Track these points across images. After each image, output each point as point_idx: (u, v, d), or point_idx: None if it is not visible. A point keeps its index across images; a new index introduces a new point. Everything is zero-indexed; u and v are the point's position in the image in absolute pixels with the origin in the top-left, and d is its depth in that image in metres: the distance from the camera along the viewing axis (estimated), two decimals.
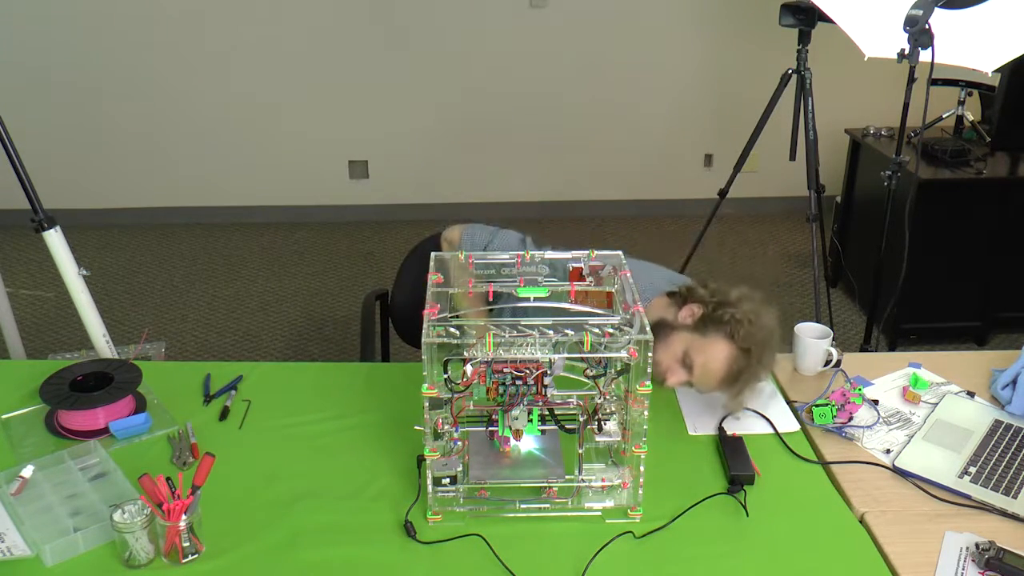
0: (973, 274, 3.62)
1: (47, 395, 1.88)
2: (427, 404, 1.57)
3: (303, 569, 1.55)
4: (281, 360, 3.56)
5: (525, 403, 1.62)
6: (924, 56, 2.45)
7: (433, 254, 1.82)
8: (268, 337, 3.75)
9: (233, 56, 4.47)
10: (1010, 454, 1.84)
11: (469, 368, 1.57)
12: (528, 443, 1.73)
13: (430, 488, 1.64)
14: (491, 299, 1.74)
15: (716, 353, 1.84)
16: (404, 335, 2.45)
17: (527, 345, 1.57)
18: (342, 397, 2.01)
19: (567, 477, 1.68)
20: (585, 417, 1.65)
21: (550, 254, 1.83)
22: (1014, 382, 2.00)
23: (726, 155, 4.35)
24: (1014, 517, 1.68)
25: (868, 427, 1.92)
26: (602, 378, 1.63)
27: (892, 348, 3.62)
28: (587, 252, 1.82)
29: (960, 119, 3.77)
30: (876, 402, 2.00)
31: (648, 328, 1.57)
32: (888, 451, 1.86)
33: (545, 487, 1.68)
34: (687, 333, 1.87)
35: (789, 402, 2.01)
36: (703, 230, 3.58)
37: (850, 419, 1.90)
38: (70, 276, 2.36)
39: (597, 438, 1.65)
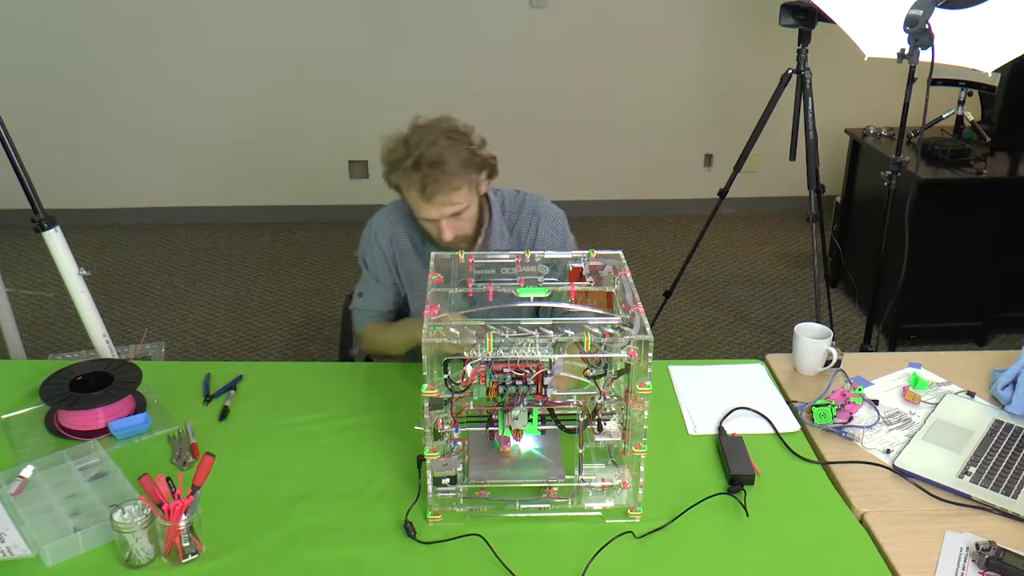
0: (973, 274, 3.62)
1: (47, 395, 1.88)
2: (427, 404, 1.57)
3: (303, 569, 1.55)
4: (281, 360, 3.55)
5: (525, 403, 1.62)
6: (924, 56, 2.45)
7: (433, 254, 1.83)
8: (268, 337, 3.75)
9: (233, 56, 4.46)
10: (1010, 454, 1.84)
11: (469, 368, 1.57)
12: (528, 443, 1.73)
13: (430, 488, 1.64)
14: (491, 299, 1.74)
15: (408, 196, 1.99)
16: None
17: (527, 345, 1.57)
18: (342, 397, 2.01)
19: (567, 477, 1.68)
20: (585, 417, 1.65)
21: (551, 254, 1.83)
22: (1014, 382, 2.00)
23: (726, 155, 4.35)
24: (1014, 517, 1.68)
25: (868, 427, 1.92)
26: (602, 378, 1.63)
27: (892, 348, 3.62)
28: (587, 252, 1.82)
29: (960, 119, 3.77)
30: (876, 402, 2.00)
31: (648, 328, 1.57)
32: (888, 451, 1.86)
33: (545, 487, 1.68)
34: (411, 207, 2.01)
35: (789, 402, 2.01)
36: (703, 230, 3.58)
37: (850, 419, 1.90)
38: (70, 276, 2.36)
39: (597, 438, 1.65)
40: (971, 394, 2.05)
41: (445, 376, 1.59)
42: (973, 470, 1.79)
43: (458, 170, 1.96)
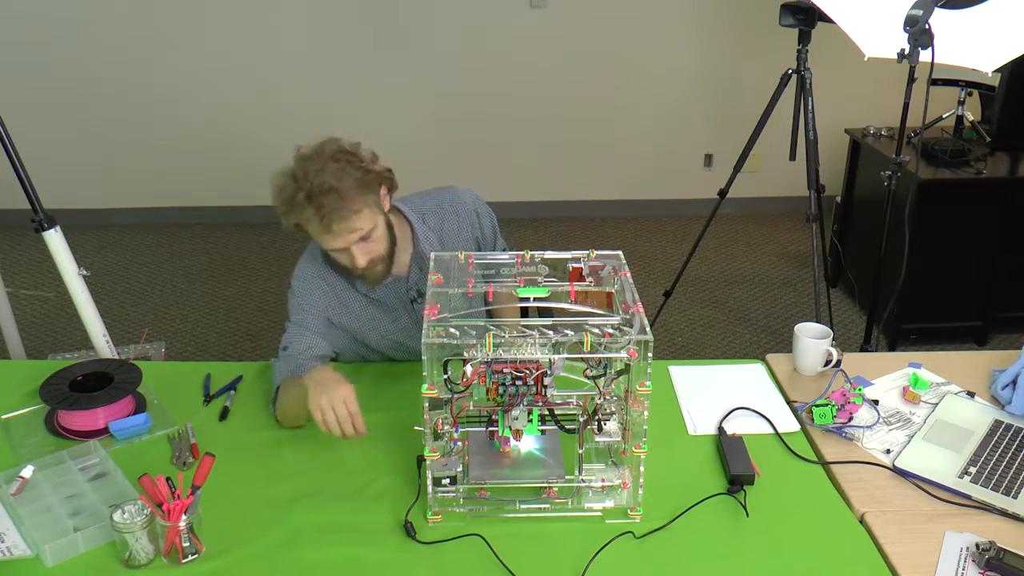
0: (973, 274, 3.62)
1: (47, 395, 1.88)
2: (427, 404, 1.57)
3: (303, 569, 1.55)
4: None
5: (525, 403, 1.62)
6: (924, 56, 2.45)
7: (433, 254, 1.82)
8: (268, 337, 3.74)
9: (233, 56, 4.46)
10: (1010, 454, 1.84)
11: (469, 368, 1.57)
12: (528, 443, 1.73)
13: (430, 488, 1.64)
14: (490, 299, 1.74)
15: (310, 231, 1.90)
16: None
17: (527, 345, 1.57)
18: None
19: (567, 477, 1.68)
20: (585, 417, 1.65)
21: (550, 254, 1.83)
22: (1014, 382, 2.00)
23: (726, 155, 4.35)
24: (1014, 517, 1.68)
25: (868, 427, 1.92)
26: (602, 378, 1.63)
27: (892, 348, 3.62)
28: (587, 252, 1.82)
29: (960, 119, 3.76)
30: (876, 402, 2.00)
31: (648, 328, 1.57)
32: (888, 451, 1.86)
33: (545, 487, 1.68)
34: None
35: (789, 402, 2.01)
36: (703, 230, 3.58)
37: (850, 419, 1.90)
38: (70, 276, 2.36)
39: (597, 438, 1.65)
40: (971, 394, 2.05)
41: (445, 376, 1.59)
42: (973, 470, 1.79)
43: (353, 193, 1.84)
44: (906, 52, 2.47)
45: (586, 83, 4.65)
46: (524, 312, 2.10)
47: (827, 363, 2.10)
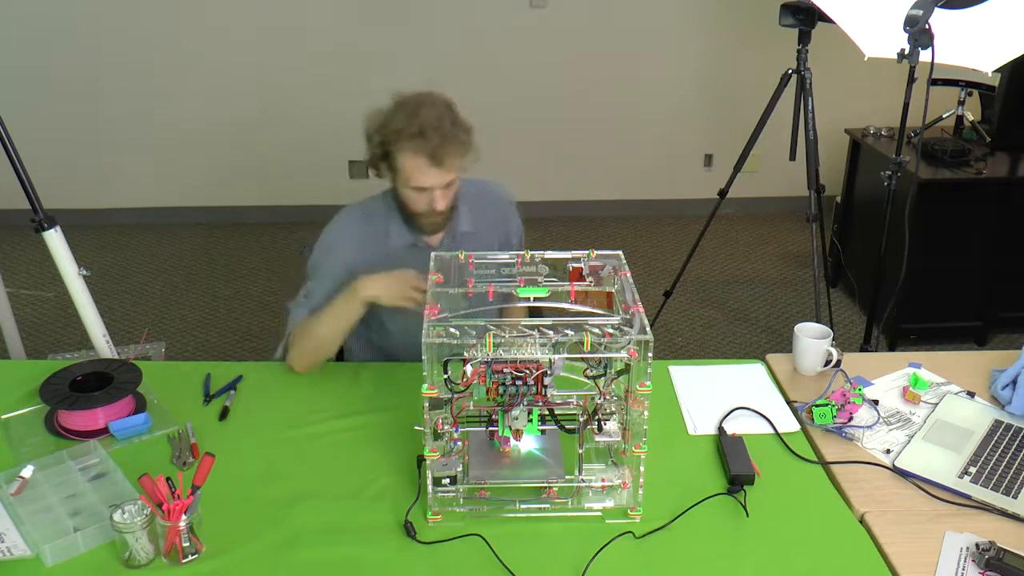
0: (973, 274, 3.62)
1: (47, 395, 1.88)
2: (427, 404, 1.57)
3: (303, 569, 1.55)
4: (281, 360, 3.54)
5: (525, 403, 1.62)
6: (924, 56, 2.45)
7: (433, 254, 1.83)
8: (268, 337, 3.74)
9: (233, 56, 4.46)
10: (1010, 454, 1.84)
11: (469, 368, 1.57)
12: (528, 443, 1.73)
13: (430, 488, 1.64)
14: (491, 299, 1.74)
15: (406, 164, 1.97)
16: None
17: (527, 345, 1.57)
18: (342, 397, 2.01)
19: (567, 477, 1.68)
20: (585, 417, 1.65)
21: (550, 254, 1.83)
22: (1014, 382, 2.00)
23: (726, 155, 4.34)
24: (1014, 517, 1.68)
25: (868, 427, 1.92)
26: (602, 378, 1.63)
27: (892, 348, 3.62)
28: (587, 252, 1.82)
29: (960, 119, 3.77)
30: (876, 402, 2.00)
31: (648, 328, 1.57)
32: (888, 451, 1.86)
33: (545, 487, 1.68)
34: (396, 179, 2.05)
35: (789, 402, 2.01)
36: (703, 230, 3.58)
37: (850, 419, 1.90)
38: (70, 276, 2.36)
39: (597, 438, 1.65)
40: (971, 394, 2.05)
41: (445, 376, 1.59)
42: (973, 470, 1.79)
43: (464, 137, 1.99)
44: (906, 52, 2.47)
45: (586, 83, 4.65)
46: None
47: (827, 363, 2.10)
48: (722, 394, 2.03)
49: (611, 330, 1.58)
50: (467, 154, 2.00)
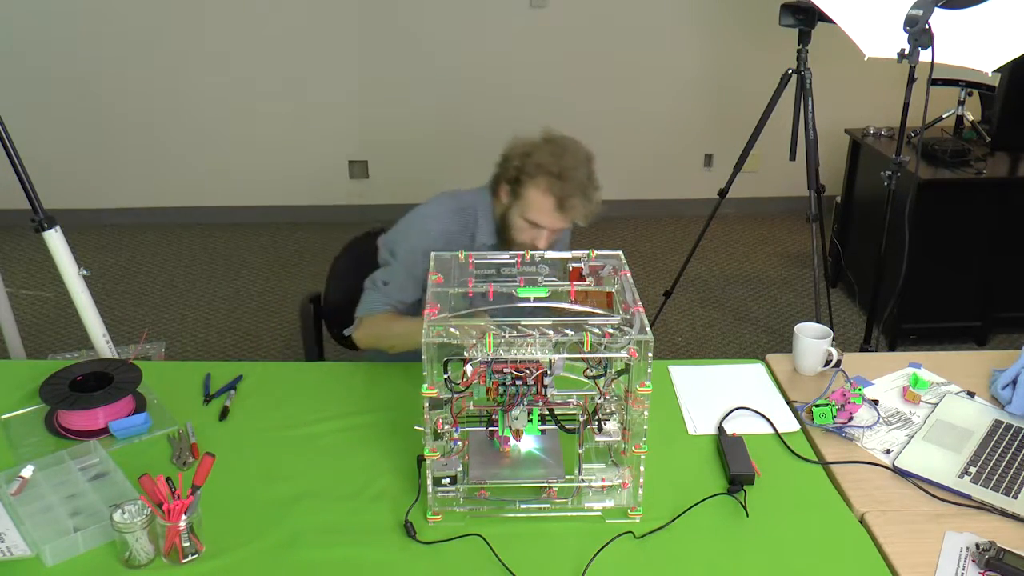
0: (973, 274, 3.62)
1: (47, 395, 1.88)
2: (427, 404, 1.57)
3: (303, 569, 1.55)
4: (281, 360, 3.55)
5: (525, 403, 1.62)
6: (924, 56, 2.45)
7: (433, 254, 1.82)
8: (268, 337, 3.74)
9: (233, 56, 4.46)
10: (1010, 454, 1.84)
11: (469, 368, 1.57)
12: (528, 443, 1.73)
13: (430, 488, 1.64)
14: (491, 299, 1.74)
15: (533, 197, 2.02)
16: (339, 336, 2.41)
17: (527, 345, 1.57)
18: (342, 397, 2.01)
19: (567, 477, 1.68)
20: (585, 417, 1.65)
21: (551, 254, 1.83)
22: (1014, 382, 2.00)
23: (726, 155, 4.34)
24: (1014, 517, 1.68)
25: (868, 427, 1.92)
26: (602, 378, 1.63)
27: (892, 348, 3.62)
28: (587, 252, 1.82)
29: (960, 119, 3.77)
30: (876, 402, 2.00)
31: (648, 328, 1.57)
32: (888, 451, 1.86)
33: (545, 487, 1.68)
34: (513, 204, 2.07)
35: (789, 402, 2.01)
36: (703, 230, 3.58)
37: (850, 419, 1.90)
38: (70, 276, 2.36)
39: (597, 438, 1.65)
40: (971, 394, 2.05)
41: (445, 376, 1.59)
42: (973, 470, 1.79)
43: (592, 194, 2.08)
44: (906, 52, 2.47)
45: (586, 83, 4.64)
46: None
47: (827, 363, 2.10)
48: (722, 394, 2.03)
49: (611, 330, 1.58)
50: (589, 210, 2.08)
